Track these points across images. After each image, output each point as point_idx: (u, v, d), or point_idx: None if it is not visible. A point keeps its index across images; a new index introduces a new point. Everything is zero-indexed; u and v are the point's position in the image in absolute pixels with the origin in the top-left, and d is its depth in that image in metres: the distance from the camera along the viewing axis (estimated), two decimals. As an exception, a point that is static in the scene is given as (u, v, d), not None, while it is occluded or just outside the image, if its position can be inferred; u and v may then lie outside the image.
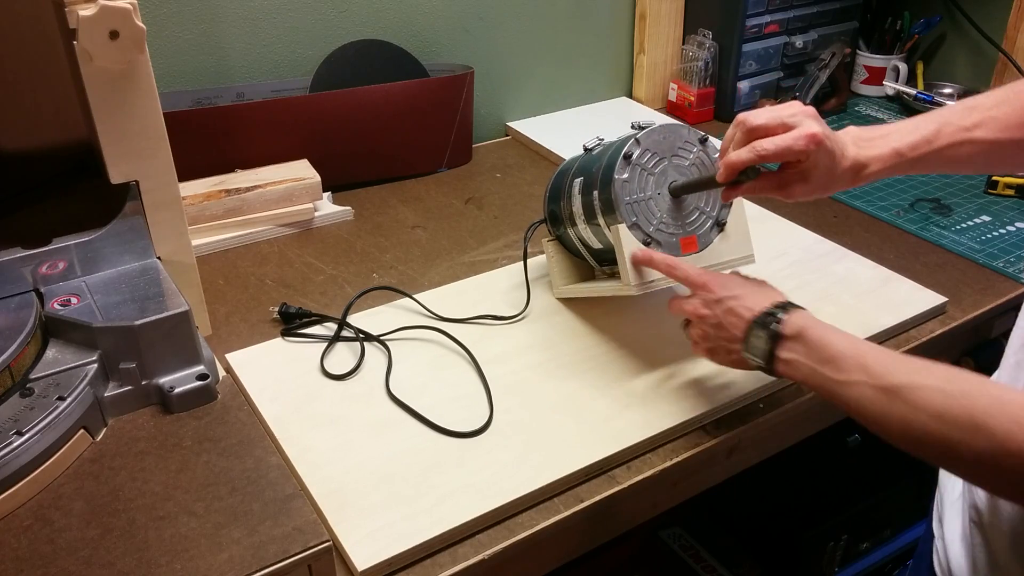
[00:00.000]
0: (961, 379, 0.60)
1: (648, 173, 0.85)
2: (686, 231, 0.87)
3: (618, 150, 0.86)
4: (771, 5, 1.50)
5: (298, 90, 1.27)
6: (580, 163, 0.95)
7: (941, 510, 0.82)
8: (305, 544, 0.66)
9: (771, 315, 0.73)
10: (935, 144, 0.79)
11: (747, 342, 0.74)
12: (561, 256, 1.01)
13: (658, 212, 0.86)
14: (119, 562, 0.64)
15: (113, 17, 0.74)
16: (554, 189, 0.99)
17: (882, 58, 1.64)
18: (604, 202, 0.86)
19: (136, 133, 0.81)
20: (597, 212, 0.88)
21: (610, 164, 0.86)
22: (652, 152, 0.86)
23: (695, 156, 0.87)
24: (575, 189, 0.92)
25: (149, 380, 0.79)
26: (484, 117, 1.47)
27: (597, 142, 0.95)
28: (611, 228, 0.86)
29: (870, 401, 0.64)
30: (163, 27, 1.17)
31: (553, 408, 0.85)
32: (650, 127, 0.86)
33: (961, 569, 0.76)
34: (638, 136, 0.85)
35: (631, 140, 0.85)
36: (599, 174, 0.87)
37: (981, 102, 0.79)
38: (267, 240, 1.16)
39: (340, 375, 0.88)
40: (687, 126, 0.88)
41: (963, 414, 0.57)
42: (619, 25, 1.56)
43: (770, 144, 0.76)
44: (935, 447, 0.59)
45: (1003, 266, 1.10)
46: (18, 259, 0.83)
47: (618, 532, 0.83)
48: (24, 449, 0.70)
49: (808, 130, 0.75)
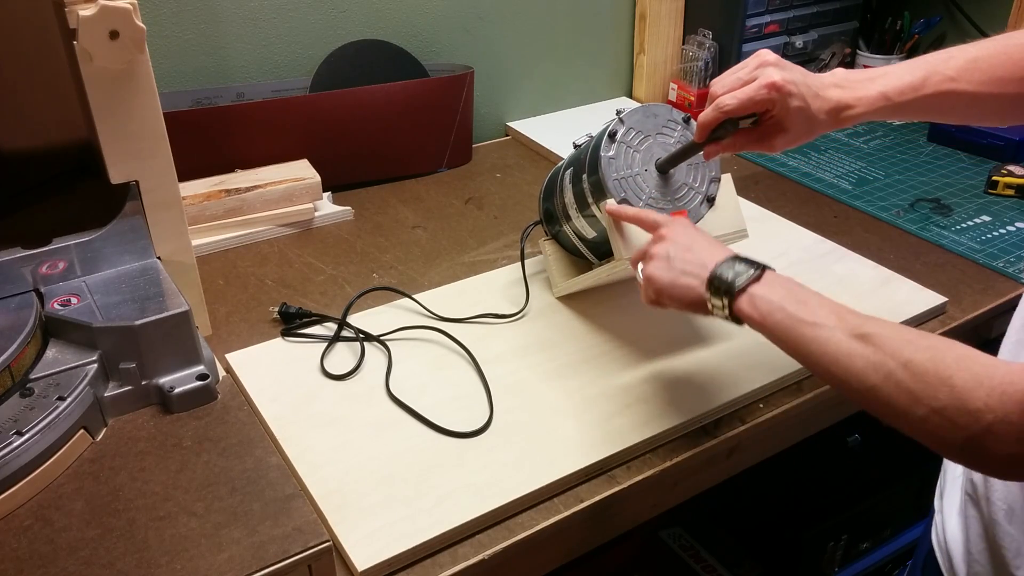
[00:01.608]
0: (931, 337, 0.60)
1: (634, 151, 0.86)
2: (676, 206, 0.88)
3: (603, 132, 0.87)
4: (771, 5, 1.51)
5: (298, 90, 1.27)
6: (570, 157, 0.97)
7: (943, 484, 0.82)
8: (305, 544, 0.66)
9: (747, 259, 0.71)
10: (921, 91, 0.79)
11: (716, 270, 0.70)
12: (559, 255, 1.01)
13: (646, 188, 0.86)
14: (119, 562, 0.64)
15: (113, 17, 0.74)
16: (548, 187, 1.00)
17: (882, 58, 1.64)
18: (593, 184, 0.87)
19: (136, 133, 0.81)
20: (587, 196, 0.88)
21: (596, 145, 0.87)
22: (636, 130, 0.86)
23: (679, 135, 0.88)
24: (566, 180, 0.93)
25: (149, 380, 0.79)
26: (484, 117, 1.47)
27: (586, 138, 0.96)
28: (601, 209, 0.87)
29: (836, 344, 0.62)
30: (163, 27, 1.17)
31: (553, 408, 0.85)
32: (633, 107, 0.87)
33: (956, 542, 0.77)
34: (622, 116, 0.86)
35: (615, 120, 0.86)
36: (587, 159, 0.88)
37: (972, 53, 0.80)
38: (267, 240, 1.16)
39: (340, 375, 0.88)
40: (668, 107, 0.88)
41: (930, 365, 0.57)
42: (619, 25, 1.56)
43: (731, 99, 0.77)
44: (894, 397, 0.59)
45: (1003, 266, 1.10)
46: (18, 259, 0.82)
47: (618, 532, 0.83)
48: (24, 449, 0.70)
49: (767, 79, 0.76)
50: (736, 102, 0.77)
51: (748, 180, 1.34)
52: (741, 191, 1.28)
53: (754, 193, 1.28)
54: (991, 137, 1.38)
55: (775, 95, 0.77)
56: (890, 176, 1.35)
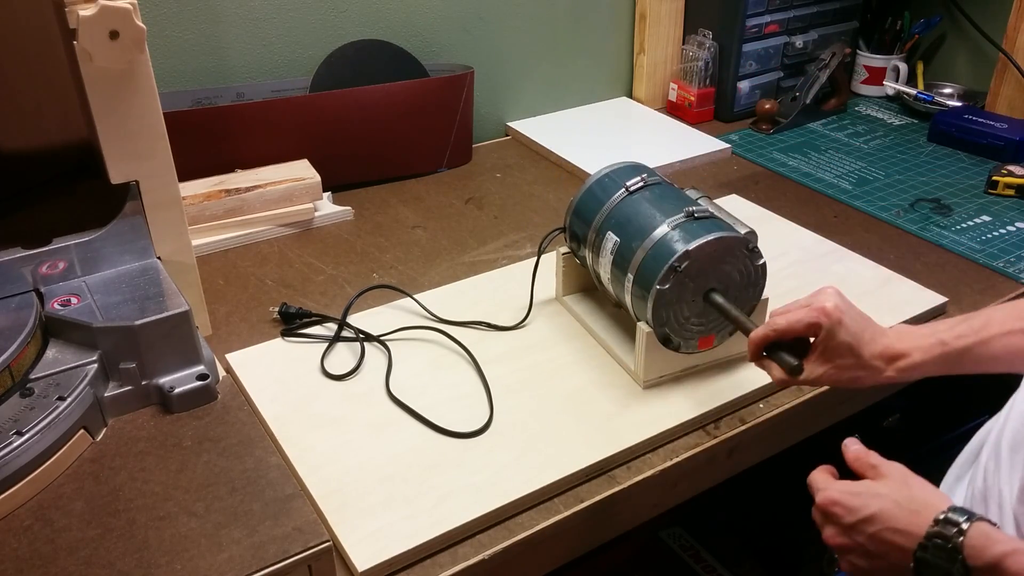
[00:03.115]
0: None
1: (689, 280, 0.82)
2: (707, 331, 0.86)
3: (665, 249, 0.82)
4: (771, 5, 1.51)
5: (298, 90, 1.27)
6: (618, 212, 0.89)
7: (949, 486, 0.81)
8: (305, 544, 0.66)
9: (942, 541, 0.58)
10: (983, 334, 0.75)
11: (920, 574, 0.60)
12: (571, 267, 1.00)
13: (687, 313, 0.84)
14: (119, 562, 0.64)
15: (113, 17, 0.74)
16: (582, 213, 0.93)
17: (882, 58, 1.64)
18: (637, 292, 0.85)
19: (136, 133, 0.81)
20: (626, 290, 0.86)
21: (653, 266, 0.82)
22: (699, 263, 0.82)
23: (740, 264, 0.84)
24: (607, 245, 0.89)
25: (149, 380, 0.79)
26: (484, 117, 1.47)
27: (640, 183, 0.90)
28: (637, 317, 0.86)
29: None
30: (163, 27, 1.17)
31: (553, 408, 0.85)
32: (702, 240, 0.81)
33: None
34: (690, 249, 0.80)
35: (681, 252, 0.80)
36: (640, 264, 0.84)
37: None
38: (267, 240, 1.16)
39: (340, 375, 0.88)
40: (739, 233, 0.84)
41: None
42: (619, 25, 1.56)
43: (782, 319, 0.76)
44: None
45: (1003, 266, 1.10)
46: (18, 259, 0.82)
47: (618, 532, 0.83)
48: (24, 449, 0.70)
49: (820, 304, 0.75)
50: (785, 322, 0.76)
51: (748, 180, 1.34)
52: (741, 191, 1.28)
53: (754, 193, 1.28)
54: (991, 137, 1.38)
55: (824, 320, 0.74)
56: (890, 176, 1.35)
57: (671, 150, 1.41)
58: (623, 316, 0.95)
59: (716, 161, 1.41)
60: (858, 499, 0.65)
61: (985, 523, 0.58)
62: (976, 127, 1.40)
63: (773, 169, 1.38)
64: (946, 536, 0.58)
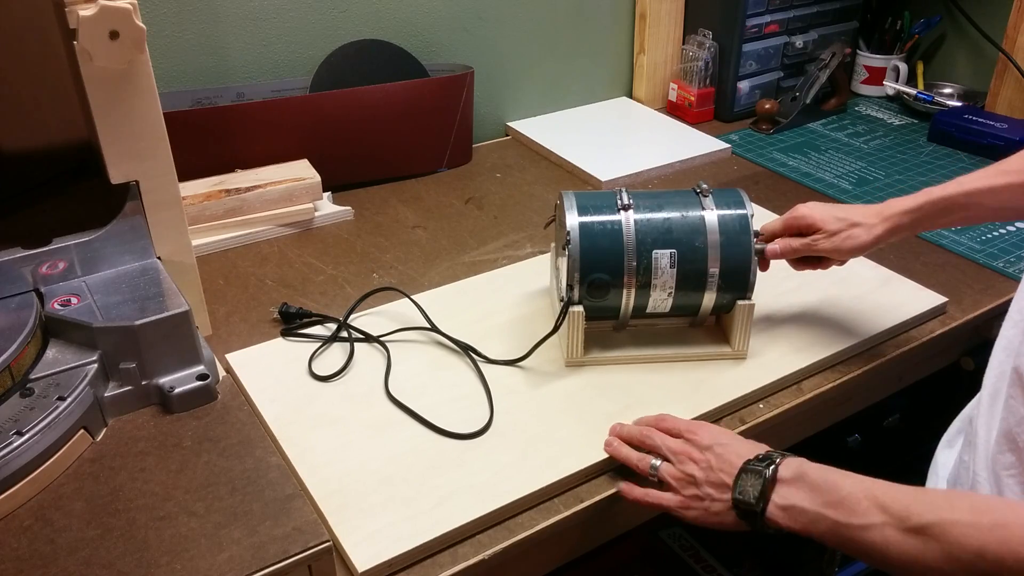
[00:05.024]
0: (989, 508, 0.58)
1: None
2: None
3: (734, 222, 0.89)
4: (771, 5, 1.51)
5: (298, 90, 1.27)
6: (645, 230, 0.86)
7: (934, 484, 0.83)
8: (305, 544, 0.66)
9: (764, 459, 0.69)
10: (965, 186, 0.85)
11: (736, 487, 0.69)
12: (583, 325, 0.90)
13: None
14: (119, 562, 0.64)
15: (113, 17, 0.74)
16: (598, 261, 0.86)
17: (882, 58, 1.64)
18: (727, 275, 0.88)
19: (136, 133, 0.81)
20: (710, 285, 0.88)
21: (737, 240, 0.89)
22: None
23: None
24: (661, 262, 0.86)
25: (149, 380, 0.79)
26: (484, 117, 1.47)
27: (623, 198, 0.88)
28: (730, 302, 0.90)
29: (898, 545, 0.59)
30: (163, 27, 1.17)
31: (553, 408, 0.85)
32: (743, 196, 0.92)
33: None
34: (750, 208, 0.91)
35: (750, 213, 0.90)
36: (720, 247, 0.88)
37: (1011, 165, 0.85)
38: (267, 240, 1.16)
39: (326, 376, 0.88)
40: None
41: (1002, 549, 0.54)
42: (619, 25, 1.56)
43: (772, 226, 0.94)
44: None
45: (1003, 266, 1.10)
46: (18, 259, 0.82)
47: (618, 532, 0.83)
48: (24, 449, 0.70)
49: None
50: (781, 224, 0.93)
51: (748, 180, 1.34)
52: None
53: (754, 193, 1.28)
54: (991, 137, 1.38)
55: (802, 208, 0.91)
56: (890, 176, 1.35)
57: (671, 150, 1.41)
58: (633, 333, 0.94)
59: (716, 161, 1.41)
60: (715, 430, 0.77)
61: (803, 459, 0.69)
62: (976, 127, 1.40)
63: (773, 169, 1.38)
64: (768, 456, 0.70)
